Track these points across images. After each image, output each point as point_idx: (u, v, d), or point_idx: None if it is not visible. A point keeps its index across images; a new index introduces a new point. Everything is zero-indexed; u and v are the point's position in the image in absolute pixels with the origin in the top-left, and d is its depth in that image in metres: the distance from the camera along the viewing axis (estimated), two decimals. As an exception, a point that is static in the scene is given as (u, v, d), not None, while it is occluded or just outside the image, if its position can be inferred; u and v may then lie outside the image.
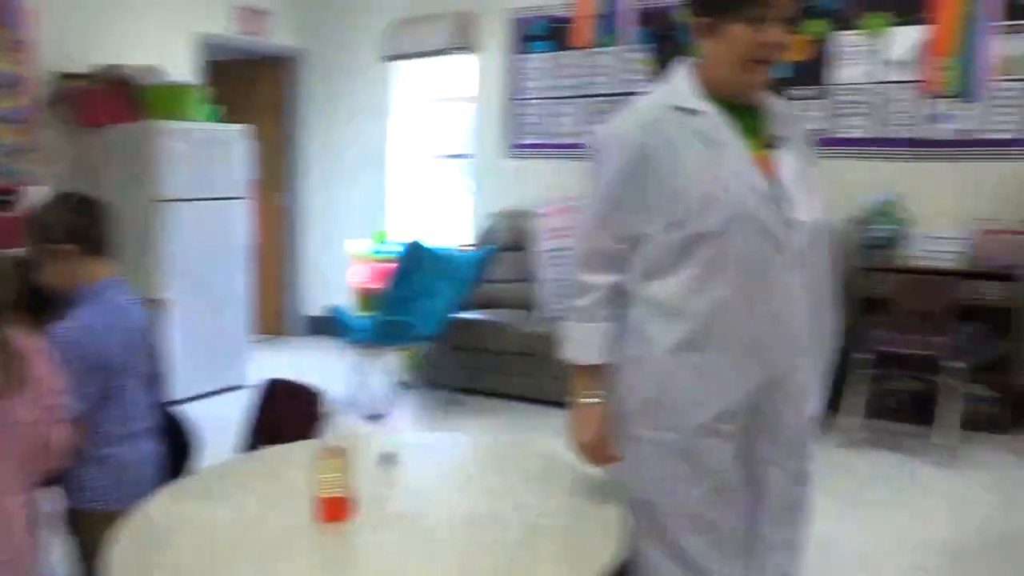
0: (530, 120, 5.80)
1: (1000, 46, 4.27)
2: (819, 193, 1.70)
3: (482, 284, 5.17)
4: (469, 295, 5.03)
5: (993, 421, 4.33)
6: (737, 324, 1.61)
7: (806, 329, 1.68)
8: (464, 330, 5.03)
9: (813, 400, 1.75)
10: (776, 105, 1.75)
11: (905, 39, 4.59)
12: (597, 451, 1.72)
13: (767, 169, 1.63)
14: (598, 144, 1.71)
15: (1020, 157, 4.41)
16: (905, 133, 4.64)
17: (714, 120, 1.63)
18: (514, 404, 4.87)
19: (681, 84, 1.68)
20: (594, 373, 1.72)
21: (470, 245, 5.67)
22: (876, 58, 4.68)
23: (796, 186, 1.64)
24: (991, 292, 4.38)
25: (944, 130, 4.58)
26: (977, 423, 4.25)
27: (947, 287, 4.29)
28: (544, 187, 5.53)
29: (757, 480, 1.72)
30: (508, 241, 5.47)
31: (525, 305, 5.29)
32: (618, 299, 1.70)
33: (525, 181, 5.75)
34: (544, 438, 2.42)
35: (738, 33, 1.58)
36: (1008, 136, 4.44)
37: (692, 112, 1.64)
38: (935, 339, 4.09)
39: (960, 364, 4.01)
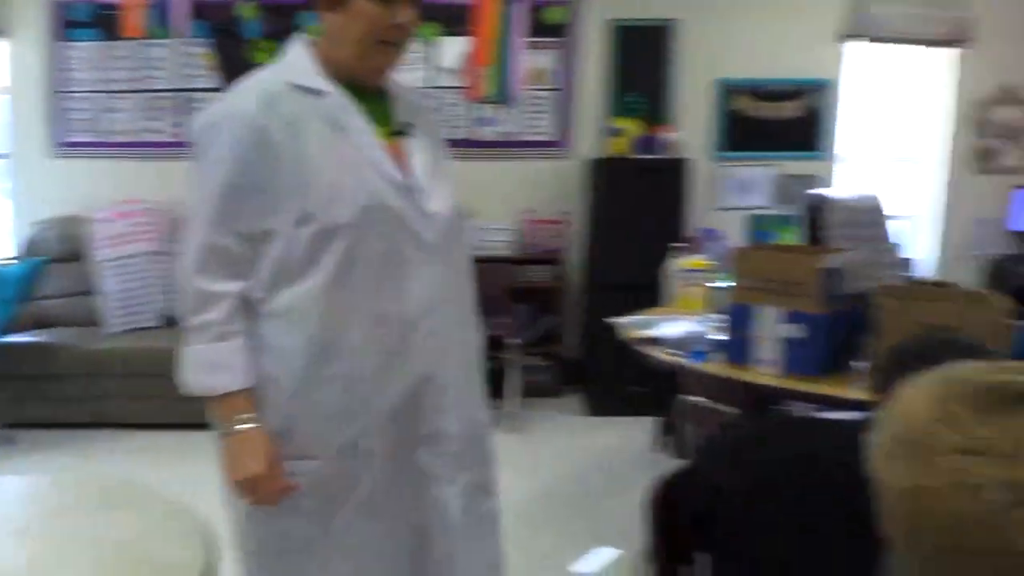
0: (78, 116, 5.21)
1: (530, 59, 4.93)
2: (452, 184, 1.62)
3: (32, 301, 4.54)
4: (15, 315, 4.38)
5: (547, 387, 4.96)
6: (373, 328, 1.49)
7: (453, 330, 1.58)
8: (9, 356, 4.38)
9: (477, 405, 1.66)
10: (404, 91, 1.65)
11: (453, 48, 5.02)
12: (268, 484, 1.47)
13: (398, 158, 1.53)
14: (204, 129, 1.48)
15: (553, 156, 5.09)
16: (459, 134, 5.07)
17: (339, 102, 1.49)
18: (81, 433, 4.36)
19: (300, 62, 1.51)
20: (241, 395, 1.47)
21: (12, 258, 4.94)
22: (430, 65, 5.05)
23: (429, 176, 1.55)
24: (538, 275, 5.01)
25: (489, 132, 5.11)
26: (535, 390, 4.83)
27: (502, 273, 4.81)
28: (99, 189, 5.02)
29: (424, 499, 1.58)
30: (60, 251, 4.87)
31: (87, 321, 4.76)
32: (248, 310, 1.48)
33: (76, 184, 5.15)
34: (123, 465, 2.21)
35: (367, 9, 1.44)
36: (543, 138, 5.10)
37: (315, 92, 1.48)
38: (497, 320, 4.56)
39: (518, 340, 4.53)
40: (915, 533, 0.64)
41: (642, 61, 5.08)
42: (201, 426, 1.62)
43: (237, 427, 1.47)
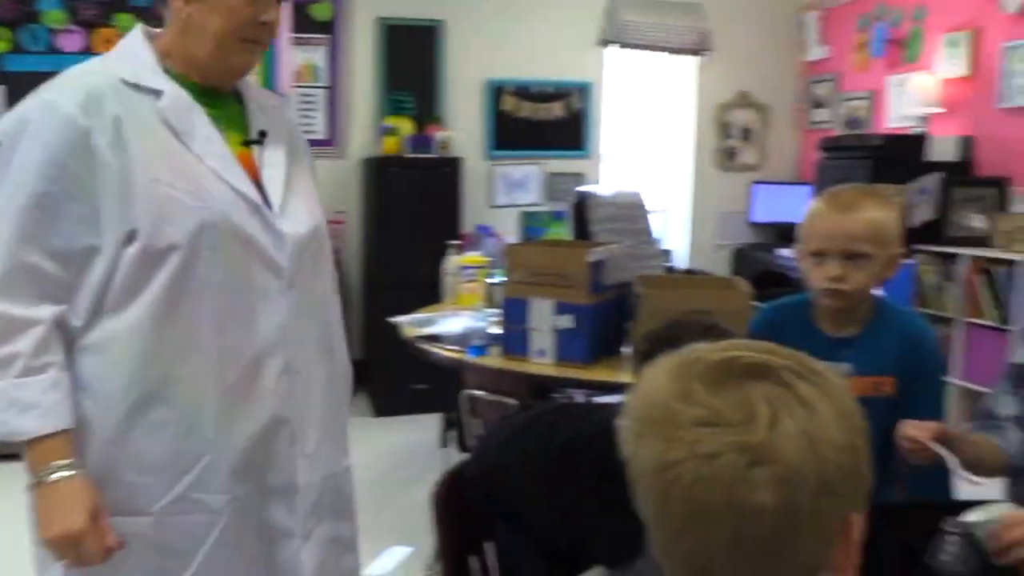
0: None
1: (297, 56, 4.81)
2: (312, 201, 1.46)
3: None
4: None
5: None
6: (215, 365, 1.30)
7: (311, 366, 1.41)
8: None
9: (338, 450, 1.49)
10: (260, 95, 1.48)
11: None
12: (91, 542, 1.23)
13: (250, 170, 1.36)
14: (12, 127, 1.26)
15: (326, 155, 4.97)
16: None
17: (184, 104, 1.31)
18: None
19: (136, 56, 1.33)
20: (57, 439, 1.23)
21: None
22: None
23: (284, 192, 1.38)
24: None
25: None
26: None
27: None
28: None
29: (275, 559, 1.39)
30: None
31: None
32: (65, 339, 1.26)
33: None
34: None
35: (232, 2, 1.28)
36: (315, 137, 4.96)
37: (152, 92, 1.29)
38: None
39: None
40: (663, 507, 0.69)
41: (411, 60, 5.10)
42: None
43: (52, 476, 1.22)
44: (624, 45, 5.45)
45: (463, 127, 5.19)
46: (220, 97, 1.39)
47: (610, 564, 1.59)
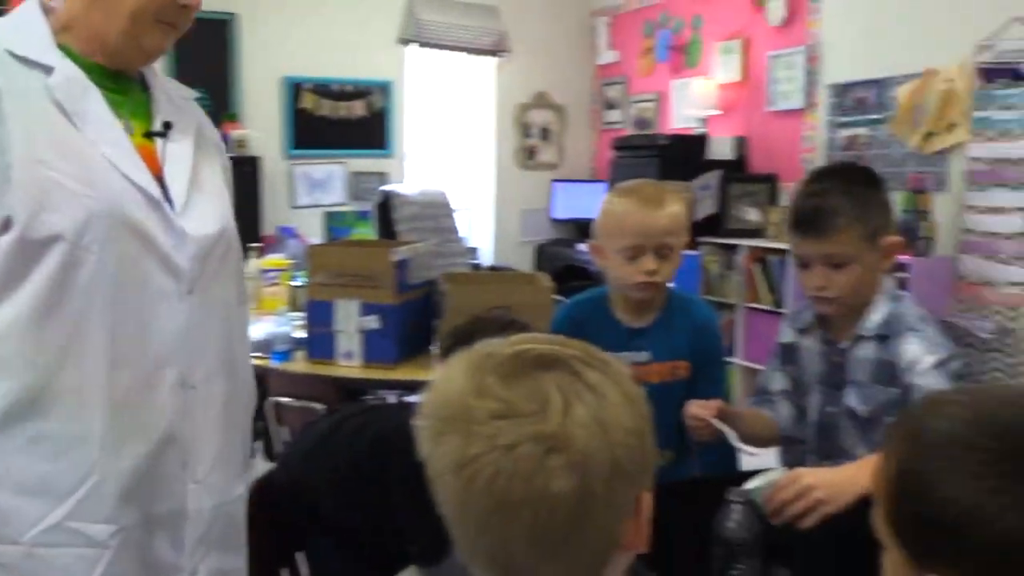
0: None
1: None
2: (222, 201, 1.33)
3: None
4: None
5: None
6: (103, 374, 1.14)
7: (211, 380, 1.27)
8: None
9: (235, 475, 1.34)
10: (168, 84, 1.35)
11: None
12: None
13: (151, 163, 1.22)
14: None
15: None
16: None
17: (78, 84, 1.17)
18: None
19: (28, 27, 1.18)
20: None
21: None
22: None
23: (188, 188, 1.25)
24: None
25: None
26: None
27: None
28: None
29: None
30: None
31: None
32: None
33: None
34: None
35: None
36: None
37: (43, 68, 1.15)
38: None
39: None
40: (465, 504, 0.70)
41: (203, 55, 4.85)
42: None
43: None
44: (423, 44, 5.47)
45: (260, 126, 5.00)
46: (124, 82, 1.26)
47: (424, 563, 1.60)
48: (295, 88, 5.16)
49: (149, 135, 1.25)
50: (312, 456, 1.75)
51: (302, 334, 2.74)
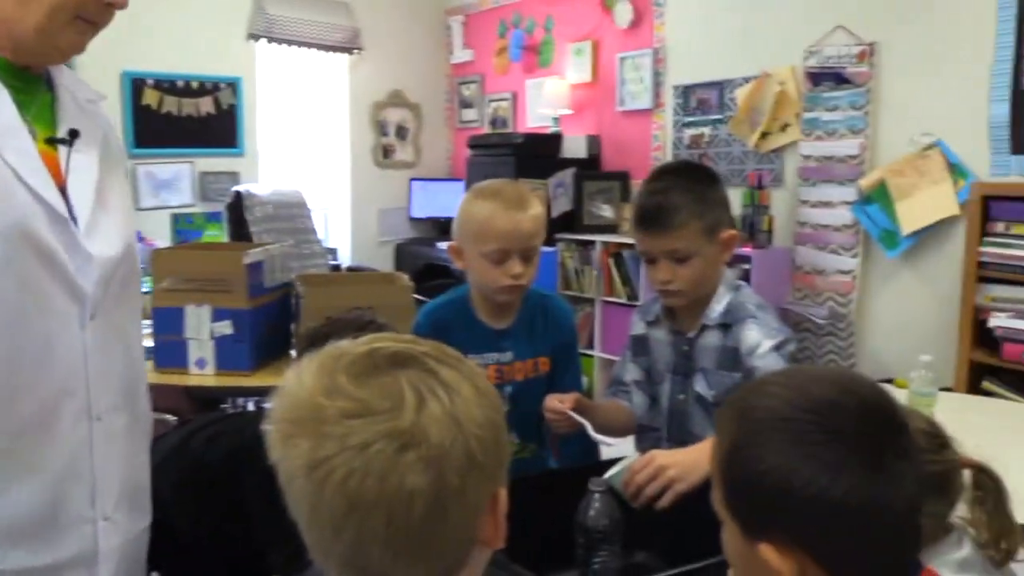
0: None
1: None
2: (126, 217, 1.23)
3: None
4: None
5: None
6: (4, 401, 1.05)
7: (113, 413, 1.17)
8: None
9: (140, 512, 1.26)
10: (76, 86, 1.22)
11: None
12: None
13: (54, 174, 1.10)
14: None
15: None
16: None
17: None
18: None
19: None
20: None
21: None
22: None
23: (93, 204, 1.14)
24: None
25: None
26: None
27: None
28: None
29: None
30: None
31: None
32: None
33: None
34: None
35: None
36: None
37: None
38: None
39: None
40: (318, 506, 0.69)
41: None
42: None
43: None
44: (272, 40, 5.31)
45: (97, 123, 4.71)
46: (29, 81, 1.14)
47: (286, 571, 1.56)
48: (136, 83, 4.89)
49: (51, 141, 1.14)
50: (162, 470, 1.67)
51: (149, 343, 2.61)
